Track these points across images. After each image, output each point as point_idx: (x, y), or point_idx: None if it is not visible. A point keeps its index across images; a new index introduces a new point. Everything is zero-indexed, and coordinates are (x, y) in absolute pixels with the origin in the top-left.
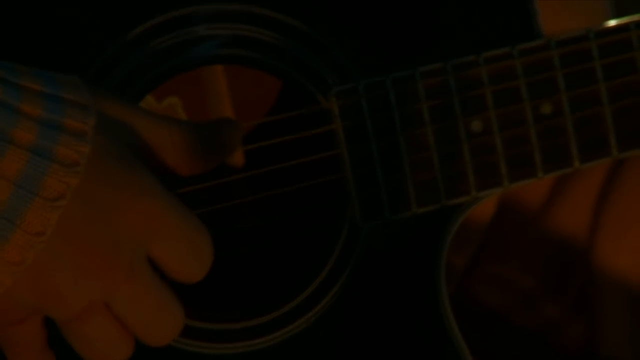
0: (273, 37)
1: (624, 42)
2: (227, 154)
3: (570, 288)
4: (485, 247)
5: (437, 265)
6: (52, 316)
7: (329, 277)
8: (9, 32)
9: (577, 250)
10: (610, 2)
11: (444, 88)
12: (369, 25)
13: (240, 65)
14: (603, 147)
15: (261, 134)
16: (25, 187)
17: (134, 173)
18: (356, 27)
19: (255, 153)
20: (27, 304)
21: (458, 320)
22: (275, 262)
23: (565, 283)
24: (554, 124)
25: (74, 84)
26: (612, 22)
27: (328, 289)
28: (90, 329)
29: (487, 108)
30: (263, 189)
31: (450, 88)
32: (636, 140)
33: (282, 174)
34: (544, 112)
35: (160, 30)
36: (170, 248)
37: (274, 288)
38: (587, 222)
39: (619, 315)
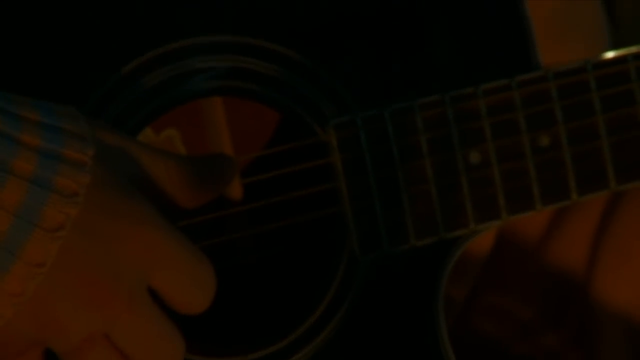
0: (271, 69)
1: (622, 74)
2: (222, 187)
3: (569, 320)
4: (484, 279)
5: (435, 297)
6: (53, 347)
7: (328, 310)
8: (7, 65)
9: (575, 283)
10: (608, 34)
11: (442, 120)
12: (367, 57)
13: (238, 97)
14: (601, 179)
15: (260, 166)
16: (25, 218)
17: (133, 203)
18: (355, 59)
19: (253, 185)
20: (27, 336)
21: (457, 353)
22: (274, 294)
23: (564, 315)
24: (552, 157)
25: (72, 115)
26: (610, 54)
27: (327, 322)
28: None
29: (486, 140)
30: (262, 222)
31: (449, 120)
32: (634, 172)
33: (281, 206)
34: (542, 145)
35: (157, 62)
36: (172, 278)
37: (273, 321)
38: (585, 254)
39: (617, 347)
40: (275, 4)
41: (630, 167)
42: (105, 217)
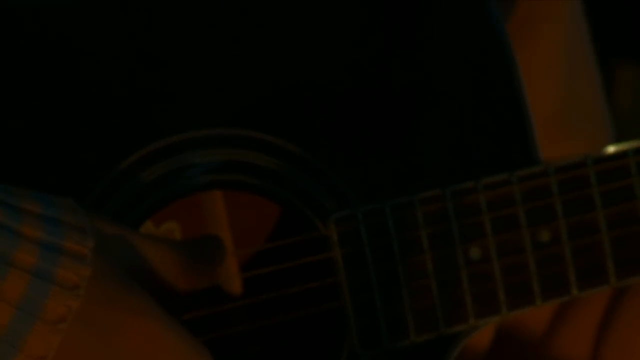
0: (271, 162)
1: (622, 169)
2: (215, 267)
3: None
4: None
5: None
6: None
7: None
8: (5, 159)
9: None
10: (611, 126)
11: (443, 215)
12: (367, 151)
13: (238, 190)
14: (601, 274)
15: (260, 259)
16: (27, 310)
17: (132, 295)
18: (355, 152)
19: (253, 279)
20: None
21: None
22: None
23: None
24: (552, 252)
25: (71, 207)
26: (611, 148)
27: None
28: None
29: (486, 235)
30: (262, 316)
31: (449, 215)
32: (635, 267)
33: (281, 300)
34: (542, 240)
35: (157, 156)
36: None
37: None
38: (588, 350)
39: None
40: (275, 98)
41: (630, 262)
42: (105, 309)
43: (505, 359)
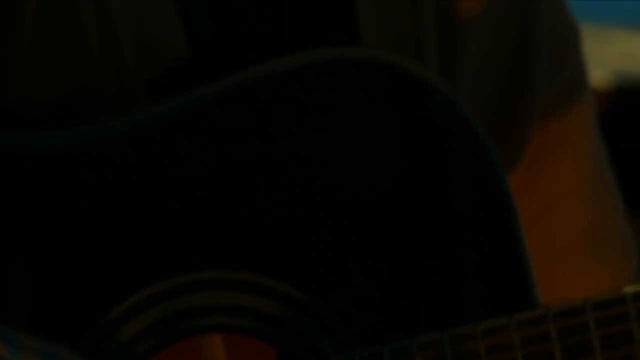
0: (271, 306)
1: (621, 314)
2: None
3: None
4: None
5: None
6: None
7: None
8: None
9: None
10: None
11: None
12: (367, 295)
13: (236, 334)
14: None
15: None
16: None
17: None
18: (355, 296)
19: None
20: None
21: None
22: None
23: None
24: None
25: (65, 350)
26: (628, 289)
27: None
28: None
29: None
30: None
31: None
32: None
33: None
34: None
35: (156, 300)
36: None
37: None
38: None
39: None
40: (276, 241)
41: None
42: None
43: None
